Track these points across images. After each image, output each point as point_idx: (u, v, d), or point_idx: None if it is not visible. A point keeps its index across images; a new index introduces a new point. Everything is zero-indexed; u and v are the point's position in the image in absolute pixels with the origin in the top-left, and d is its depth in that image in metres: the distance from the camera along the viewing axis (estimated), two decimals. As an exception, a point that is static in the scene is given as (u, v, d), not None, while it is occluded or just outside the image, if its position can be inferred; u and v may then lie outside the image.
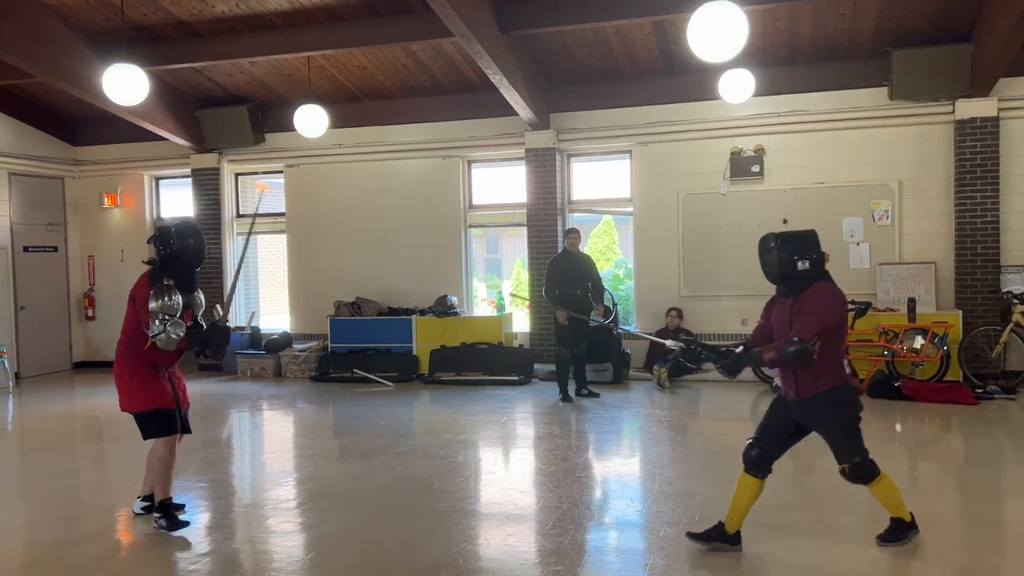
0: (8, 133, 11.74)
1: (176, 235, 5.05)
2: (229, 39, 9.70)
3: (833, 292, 4.31)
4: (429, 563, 4.38)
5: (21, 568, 4.66)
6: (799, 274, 4.29)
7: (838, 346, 4.31)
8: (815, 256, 4.32)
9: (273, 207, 12.48)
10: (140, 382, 5.01)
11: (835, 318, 4.24)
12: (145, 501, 5.31)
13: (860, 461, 4.34)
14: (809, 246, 4.34)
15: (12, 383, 11.01)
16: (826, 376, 4.25)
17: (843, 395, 4.31)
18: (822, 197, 9.98)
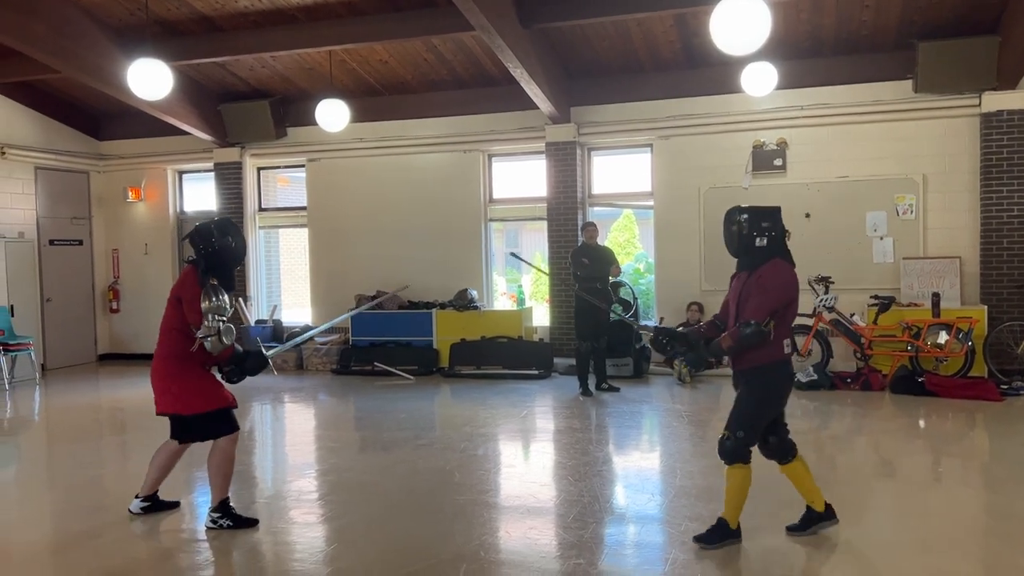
0: (34, 128, 11.88)
1: (217, 233, 4.92)
2: (251, 34, 9.75)
3: (786, 271, 4.28)
4: (450, 555, 4.40)
5: (49, 554, 4.73)
6: (756, 250, 4.29)
7: (783, 324, 4.27)
8: (774, 233, 4.29)
9: (295, 201, 12.56)
10: (198, 383, 4.87)
11: (784, 297, 4.22)
12: (145, 501, 5.25)
13: (743, 438, 4.25)
14: (770, 223, 4.31)
15: (38, 375, 11.15)
16: (765, 351, 4.23)
17: (777, 372, 4.28)
18: (845, 191, 9.89)
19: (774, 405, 4.35)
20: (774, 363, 4.25)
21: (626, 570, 4.25)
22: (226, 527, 4.91)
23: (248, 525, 4.96)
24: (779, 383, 4.31)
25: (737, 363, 4.34)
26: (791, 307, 4.29)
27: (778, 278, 4.23)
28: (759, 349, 4.22)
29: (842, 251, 9.88)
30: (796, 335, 9.50)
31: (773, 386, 4.30)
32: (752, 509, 4.59)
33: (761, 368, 4.26)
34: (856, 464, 6.52)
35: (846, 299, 9.56)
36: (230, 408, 4.97)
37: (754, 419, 4.29)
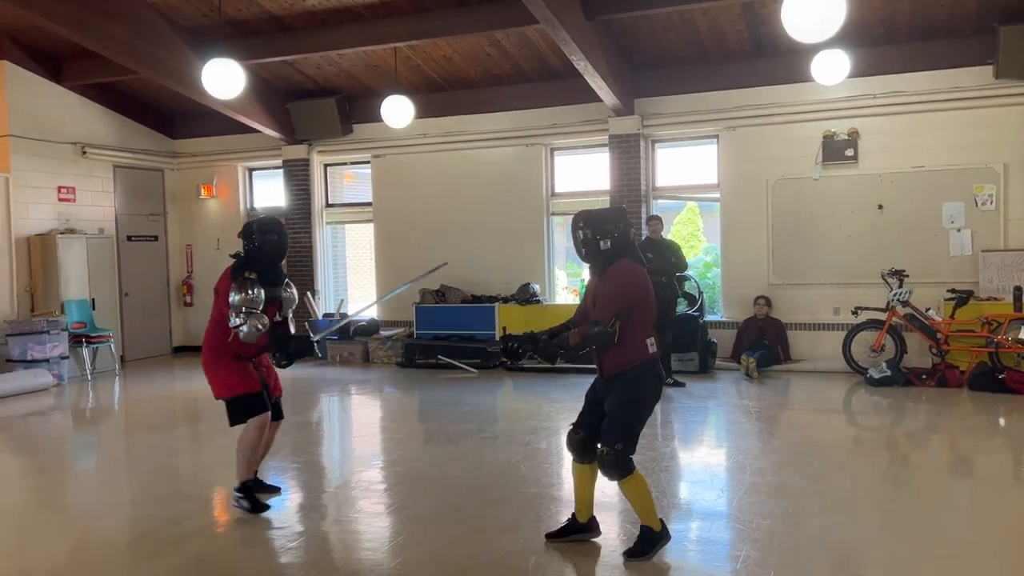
0: (112, 128, 12.31)
1: (258, 230, 5.15)
2: (319, 32, 9.92)
3: (627, 272, 4.17)
4: (518, 547, 4.42)
5: (128, 542, 4.91)
6: (601, 253, 4.21)
7: (641, 324, 4.16)
8: (617, 235, 4.20)
9: (360, 197, 12.74)
10: (225, 370, 5.11)
11: (630, 297, 4.11)
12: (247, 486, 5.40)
13: (621, 449, 4.11)
14: (610, 225, 4.22)
15: (118, 366, 11.57)
16: (627, 354, 4.14)
17: (640, 374, 4.15)
18: (921, 182, 9.59)
19: (647, 408, 4.22)
20: (639, 365, 4.15)
21: (696, 566, 4.21)
22: (243, 507, 5.11)
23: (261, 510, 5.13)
24: (647, 385, 4.18)
25: (603, 370, 4.22)
26: (644, 306, 4.18)
27: (622, 279, 4.15)
28: (622, 353, 4.13)
29: (917, 244, 9.58)
30: (868, 330, 9.31)
31: (642, 389, 4.17)
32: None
33: (627, 373, 4.15)
34: (932, 463, 6.33)
35: (921, 293, 9.27)
36: (253, 393, 5.11)
37: (630, 427, 4.16)
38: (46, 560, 4.54)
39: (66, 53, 11.03)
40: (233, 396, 5.11)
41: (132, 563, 4.54)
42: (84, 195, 11.84)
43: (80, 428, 8.81)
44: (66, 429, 8.67)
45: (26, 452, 7.51)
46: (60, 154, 11.48)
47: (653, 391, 4.22)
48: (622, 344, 4.13)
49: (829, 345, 9.78)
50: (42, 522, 5.25)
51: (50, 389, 10.08)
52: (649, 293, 4.22)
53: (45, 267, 11.04)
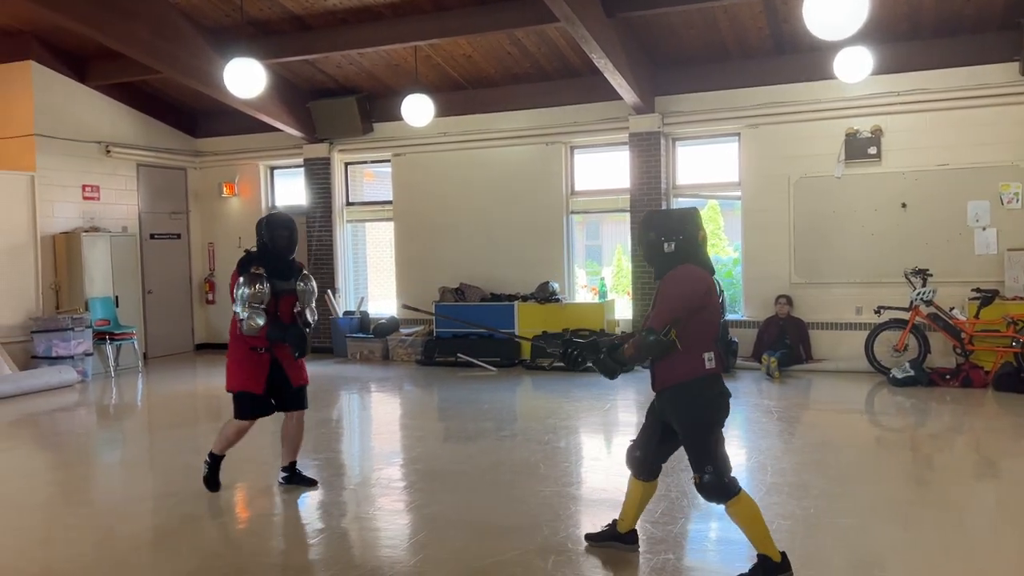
0: (136, 127, 12.43)
1: (267, 226, 5.34)
2: (339, 31, 9.97)
3: (687, 278, 3.86)
4: (537, 546, 4.42)
5: (151, 537, 4.96)
6: (665, 256, 3.92)
7: (698, 335, 3.85)
8: (681, 237, 3.89)
9: (381, 195, 12.78)
10: (236, 365, 5.38)
11: (686, 305, 3.81)
12: (284, 472, 5.67)
13: (712, 473, 3.82)
14: (677, 226, 3.92)
15: (141, 363, 11.69)
16: (681, 367, 3.85)
17: (696, 391, 3.85)
18: (945, 180, 9.47)
19: (715, 425, 3.90)
20: (693, 380, 3.84)
21: (717, 567, 4.20)
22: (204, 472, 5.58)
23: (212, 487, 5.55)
24: (705, 402, 3.87)
25: (653, 381, 3.98)
26: (703, 316, 3.86)
27: (680, 285, 3.85)
28: (674, 367, 3.86)
29: (941, 242, 9.47)
30: (891, 330, 9.22)
31: (700, 407, 3.87)
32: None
33: (679, 388, 3.87)
34: (956, 464, 6.26)
35: (945, 292, 9.17)
36: (250, 394, 5.35)
37: (708, 447, 3.86)
38: (71, 554, 4.60)
39: (91, 53, 11.15)
40: (235, 392, 5.39)
41: (154, 558, 4.58)
42: (108, 193, 11.97)
43: (104, 424, 8.91)
44: (90, 425, 8.77)
45: (51, 447, 7.61)
46: (85, 153, 11.62)
47: (712, 410, 3.89)
48: (674, 356, 3.84)
49: (851, 345, 9.69)
50: (67, 516, 5.32)
51: (74, 385, 10.21)
52: (713, 303, 3.89)
53: (70, 265, 11.17)
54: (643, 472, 4.18)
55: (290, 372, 5.48)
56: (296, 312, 5.51)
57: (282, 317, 5.41)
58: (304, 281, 5.51)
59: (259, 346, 5.34)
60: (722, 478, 3.84)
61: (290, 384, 5.47)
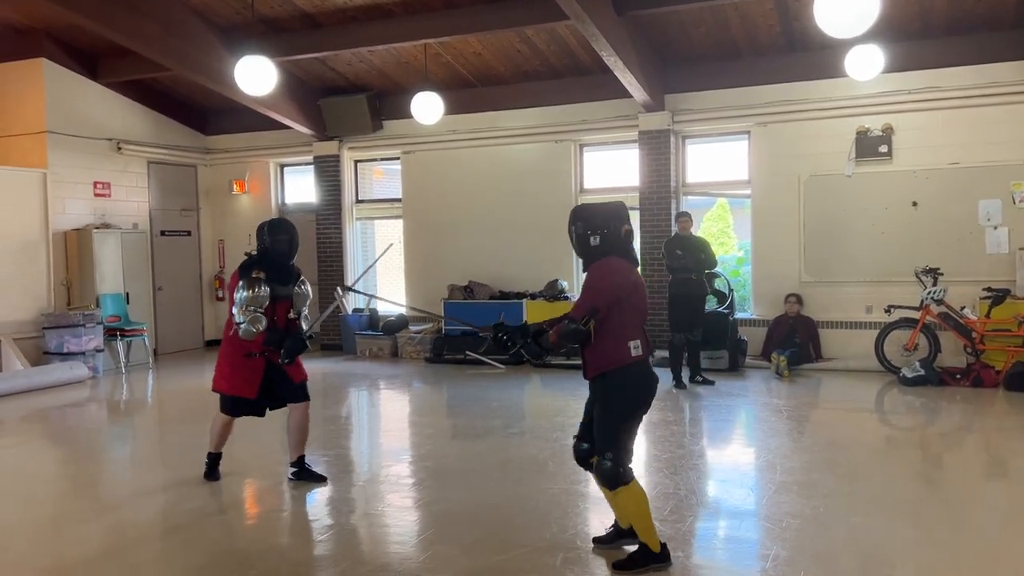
0: (147, 124, 12.48)
1: (268, 231, 5.43)
2: (350, 29, 9.98)
3: (608, 270, 3.96)
4: (546, 543, 4.42)
5: (160, 532, 4.98)
6: (592, 250, 4.03)
7: (622, 324, 3.95)
8: (606, 231, 4.00)
9: (390, 193, 12.80)
10: (230, 369, 5.45)
11: (606, 296, 3.91)
12: (293, 467, 5.71)
13: (611, 460, 3.95)
14: (601, 221, 4.03)
15: (151, 359, 11.75)
16: (606, 356, 3.96)
17: (621, 377, 3.96)
18: (956, 178, 9.43)
19: (630, 415, 4.02)
20: (619, 368, 3.95)
21: (725, 565, 4.19)
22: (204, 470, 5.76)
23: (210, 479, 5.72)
24: (629, 388, 3.97)
25: (584, 370, 4.08)
26: (627, 306, 3.96)
27: (601, 278, 3.96)
28: (601, 354, 3.96)
29: (952, 241, 9.43)
30: (901, 329, 9.18)
31: (624, 393, 3.97)
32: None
33: (606, 376, 3.98)
34: (966, 463, 6.24)
35: (956, 291, 9.13)
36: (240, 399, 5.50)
37: (617, 433, 3.98)
38: (81, 548, 4.63)
39: (102, 50, 11.20)
40: (223, 393, 5.53)
41: (164, 553, 4.61)
42: (119, 190, 12.02)
43: (114, 420, 8.96)
44: (101, 420, 8.82)
45: (62, 442, 7.66)
46: (96, 150, 11.67)
47: (634, 397, 4.01)
48: (601, 344, 3.97)
49: (861, 344, 9.66)
50: (77, 511, 5.35)
51: (85, 381, 10.26)
52: (635, 293, 4.01)
53: (81, 261, 11.23)
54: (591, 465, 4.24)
55: (291, 370, 5.55)
56: (290, 319, 5.56)
57: (277, 322, 5.46)
58: (300, 285, 5.59)
59: (254, 351, 5.41)
60: (618, 467, 3.98)
61: (291, 380, 5.56)
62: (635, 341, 3.98)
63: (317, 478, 5.70)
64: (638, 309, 4.04)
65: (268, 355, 5.46)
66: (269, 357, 5.47)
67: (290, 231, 5.48)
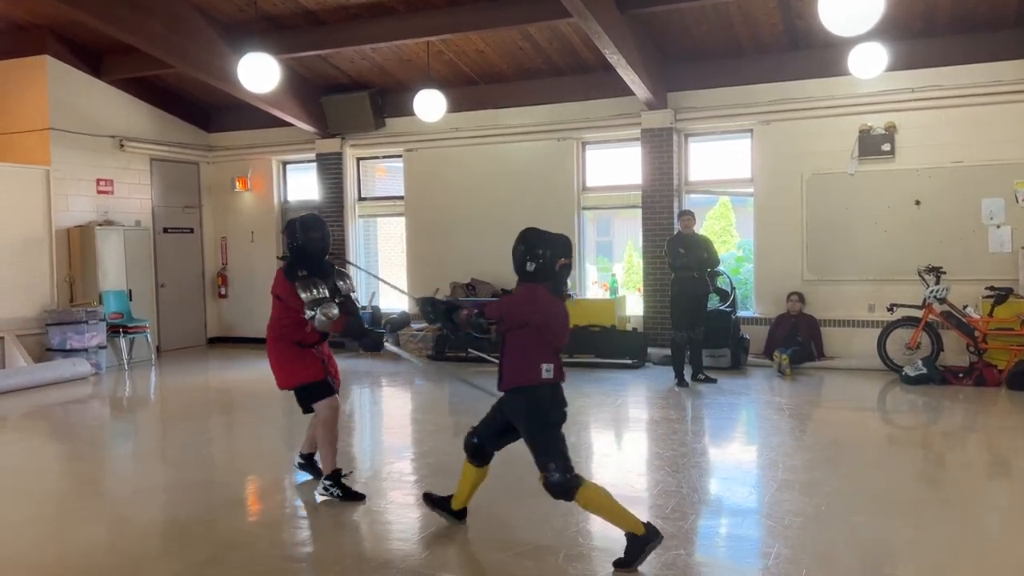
0: (149, 121, 12.49)
1: (300, 229, 5.32)
2: (352, 26, 9.98)
3: (528, 298, 4.20)
4: (549, 540, 4.43)
5: (162, 529, 4.99)
6: (525, 273, 4.24)
7: (534, 346, 4.16)
8: (542, 261, 4.18)
9: (393, 191, 12.80)
10: (292, 362, 5.29)
11: (515, 317, 4.18)
12: (302, 458, 5.68)
13: (551, 472, 4.11)
14: (541, 250, 4.21)
15: (154, 356, 11.76)
16: (519, 373, 4.19)
17: (533, 397, 4.18)
18: (959, 177, 9.42)
19: (548, 428, 4.21)
20: (528, 388, 4.18)
21: (727, 563, 4.20)
22: (335, 496, 5.22)
23: (355, 498, 5.22)
24: (539, 406, 4.20)
25: (500, 383, 4.30)
26: (541, 332, 4.17)
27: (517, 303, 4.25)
28: (515, 370, 4.20)
29: (955, 240, 9.42)
30: (904, 328, 9.17)
31: (534, 410, 4.20)
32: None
33: (518, 391, 4.22)
34: (968, 462, 6.23)
35: (959, 290, 9.12)
36: (318, 380, 5.28)
37: (547, 449, 4.16)
38: (84, 545, 4.64)
39: (105, 48, 11.21)
40: (298, 384, 5.30)
41: (167, 549, 4.62)
42: (122, 187, 12.04)
43: (117, 416, 8.98)
44: (104, 417, 8.84)
45: (65, 439, 7.67)
46: (99, 147, 11.68)
47: (547, 412, 4.20)
48: (514, 360, 4.19)
49: (864, 342, 9.65)
50: (80, 508, 5.37)
51: (88, 378, 10.28)
52: (550, 322, 4.18)
53: (84, 258, 11.25)
54: (477, 458, 4.54)
55: (331, 369, 5.46)
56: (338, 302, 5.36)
57: None
58: (343, 279, 5.48)
59: (308, 343, 5.29)
60: (565, 474, 4.10)
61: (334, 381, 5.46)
62: (547, 364, 4.18)
63: (317, 473, 5.67)
64: (553, 336, 4.22)
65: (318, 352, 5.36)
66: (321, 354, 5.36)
67: (322, 227, 5.40)
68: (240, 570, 4.20)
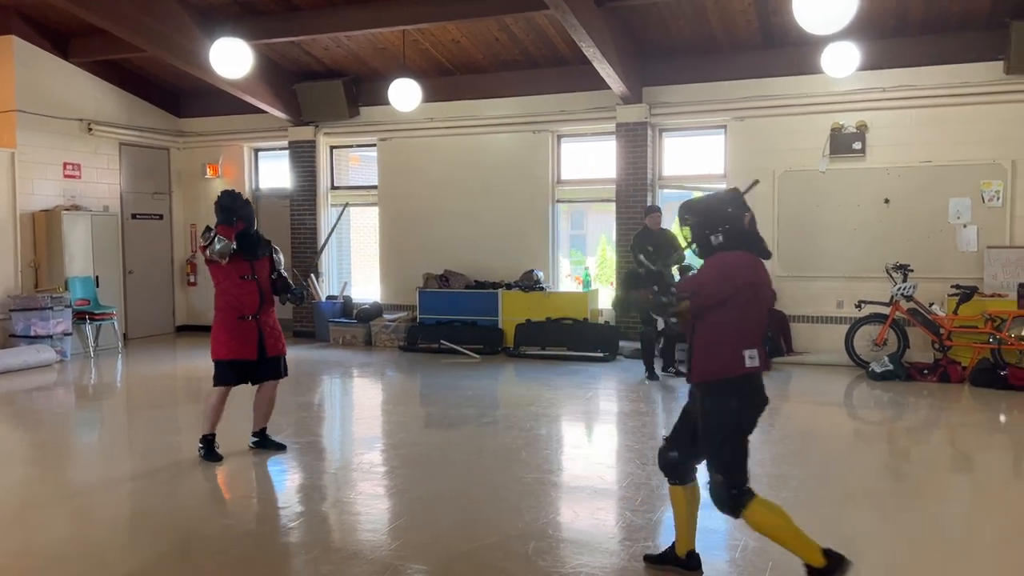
0: (119, 105, 12.28)
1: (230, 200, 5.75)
2: (327, 13, 9.88)
3: (722, 263, 3.58)
4: (518, 532, 4.44)
5: (128, 518, 4.94)
6: (714, 248, 3.65)
7: (731, 328, 3.55)
8: (728, 227, 3.62)
9: (366, 180, 12.72)
10: (227, 334, 5.72)
11: (710, 287, 3.55)
12: (255, 436, 6.06)
13: (723, 481, 3.57)
14: (719, 216, 3.64)
15: (121, 344, 11.60)
16: (714, 361, 3.56)
17: (726, 389, 3.55)
18: (928, 176, 9.55)
19: (736, 432, 3.58)
20: (724, 380, 3.55)
21: (694, 554, 4.22)
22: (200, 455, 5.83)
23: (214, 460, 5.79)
24: (731, 404, 3.55)
25: (690, 374, 3.71)
26: (734, 308, 3.53)
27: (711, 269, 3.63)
28: (706, 360, 3.58)
29: (922, 238, 9.56)
30: (871, 324, 9.30)
31: (725, 407, 3.55)
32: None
33: (710, 385, 3.60)
34: (933, 458, 6.34)
35: (925, 288, 9.26)
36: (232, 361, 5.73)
37: (720, 455, 3.59)
38: (48, 535, 4.57)
39: (74, 29, 10.99)
40: (220, 360, 5.75)
41: (132, 538, 4.57)
42: (89, 172, 11.83)
43: (82, 404, 8.84)
44: (68, 405, 8.71)
45: (29, 427, 7.54)
46: (66, 130, 11.46)
47: (737, 413, 3.55)
48: (706, 349, 3.58)
49: (832, 338, 9.78)
50: (44, 497, 5.28)
51: (53, 365, 10.11)
52: (753, 295, 3.56)
53: (50, 243, 11.05)
54: (678, 475, 3.87)
55: (267, 341, 5.80)
56: (274, 278, 5.91)
57: (261, 282, 5.79)
58: (276, 253, 5.98)
59: (247, 312, 5.69)
60: (730, 489, 3.57)
61: (265, 353, 5.79)
62: (751, 351, 3.54)
63: (277, 447, 6.01)
64: (750, 315, 3.58)
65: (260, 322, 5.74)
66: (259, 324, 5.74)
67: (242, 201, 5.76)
68: (208, 560, 4.16)
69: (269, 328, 5.82)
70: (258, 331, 5.75)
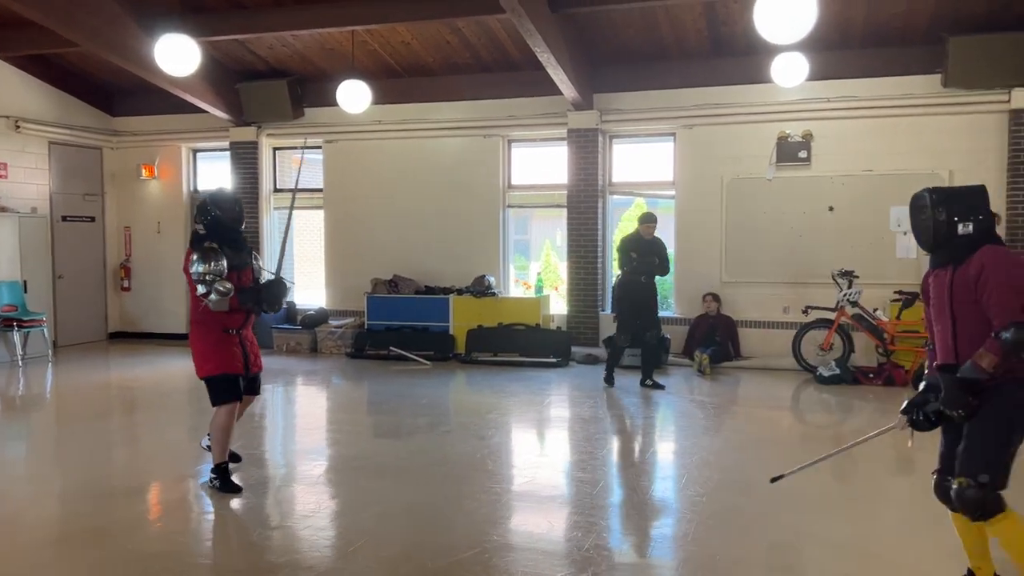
0: (48, 102, 11.75)
1: (212, 203, 5.26)
2: (274, 11, 9.61)
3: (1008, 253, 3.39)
4: (470, 541, 4.31)
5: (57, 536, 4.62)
6: (960, 239, 3.39)
7: None
8: (981, 216, 3.39)
9: (311, 183, 12.43)
10: (211, 348, 5.19)
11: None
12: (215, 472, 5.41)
13: (988, 482, 3.28)
14: (974, 205, 3.43)
15: (50, 352, 11.06)
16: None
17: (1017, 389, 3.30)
18: (870, 185, 9.79)
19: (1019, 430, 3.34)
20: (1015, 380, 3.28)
21: (646, 561, 4.18)
22: (215, 486, 5.22)
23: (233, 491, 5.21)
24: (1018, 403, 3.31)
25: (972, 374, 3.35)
26: None
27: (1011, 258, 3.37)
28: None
29: (865, 246, 9.79)
30: (817, 329, 9.47)
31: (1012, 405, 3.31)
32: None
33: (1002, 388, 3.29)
34: (876, 458, 6.45)
35: (869, 294, 9.48)
36: (231, 375, 5.21)
37: (1000, 454, 3.30)
38: (-15, 557, 4.26)
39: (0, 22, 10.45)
40: (213, 376, 5.20)
41: (62, 557, 4.27)
42: (16, 172, 11.27)
43: (9, 416, 8.34)
44: (-4, 417, 8.23)
45: (-46, 441, 7.09)
46: (-9, 128, 10.92)
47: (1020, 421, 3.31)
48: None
49: (779, 343, 9.92)
50: (-24, 516, 4.94)
51: (-23, 375, 9.58)
52: None
53: (-27, 246, 10.49)
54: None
55: (251, 356, 5.41)
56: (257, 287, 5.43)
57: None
58: (255, 259, 5.54)
59: (232, 327, 5.24)
60: (995, 491, 3.32)
61: (249, 369, 5.39)
62: None
63: (233, 457, 5.54)
64: None
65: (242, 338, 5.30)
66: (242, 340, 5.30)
67: (236, 198, 5.44)
68: (160, 581, 3.93)
69: (250, 343, 5.40)
70: (241, 346, 5.30)
